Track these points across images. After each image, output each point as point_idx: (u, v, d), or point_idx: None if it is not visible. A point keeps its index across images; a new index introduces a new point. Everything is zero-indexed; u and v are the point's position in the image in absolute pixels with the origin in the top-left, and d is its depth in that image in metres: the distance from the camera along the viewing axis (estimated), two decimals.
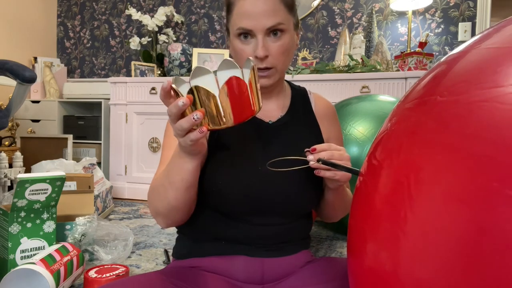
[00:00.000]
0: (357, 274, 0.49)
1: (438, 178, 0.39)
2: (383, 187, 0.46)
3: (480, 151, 0.36)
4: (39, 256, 1.01)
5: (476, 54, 0.46)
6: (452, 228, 0.36)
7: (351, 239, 0.52)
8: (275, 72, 0.80)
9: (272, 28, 0.76)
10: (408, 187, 0.41)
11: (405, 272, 0.40)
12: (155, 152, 2.48)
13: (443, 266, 0.36)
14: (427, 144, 0.42)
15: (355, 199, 0.54)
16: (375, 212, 0.46)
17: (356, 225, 0.51)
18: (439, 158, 0.40)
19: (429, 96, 0.46)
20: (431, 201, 0.39)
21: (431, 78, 0.49)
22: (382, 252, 0.43)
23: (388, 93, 2.03)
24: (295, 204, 0.81)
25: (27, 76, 1.66)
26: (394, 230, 0.41)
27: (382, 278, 0.43)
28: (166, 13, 2.78)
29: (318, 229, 1.81)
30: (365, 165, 0.54)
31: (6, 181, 2.01)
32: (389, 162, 0.46)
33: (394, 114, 0.52)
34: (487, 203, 0.34)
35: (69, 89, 2.95)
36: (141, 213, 2.13)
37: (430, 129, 0.42)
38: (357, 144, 1.43)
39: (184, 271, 0.79)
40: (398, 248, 0.41)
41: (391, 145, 0.48)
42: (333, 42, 2.63)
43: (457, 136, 0.39)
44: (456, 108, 0.41)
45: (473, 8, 2.33)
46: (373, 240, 0.45)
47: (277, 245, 0.81)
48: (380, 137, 0.52)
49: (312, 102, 0.92)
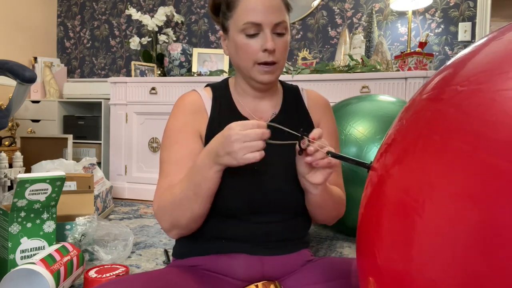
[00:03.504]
0: (368, 273, 0.48)
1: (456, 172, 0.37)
2: (397, 183, 0.44)
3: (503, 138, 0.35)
4: (39, 256, 1.01)
5: (497, 46, 0.44)
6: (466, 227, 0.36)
7: (361, 237, 0.51)
8: (278, 67, 0.82)
9: (278, 24, 0.79)
10: (429, 179, 0.40)
11: (417, 271, 0.39)
12: (155, 152, 2.48)
13: (455, 265, 0.36)
14: (447, 133, 0.40)
15: (366, 195, 0.52)
16: (387, 210, 0.45)
17: (367, 223, 0.50)
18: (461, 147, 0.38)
19: (448, 86, 0.45)
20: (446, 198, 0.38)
21: (448, 71, 0.48)
22: (394, 251, 0.42)
23: (388, 93, 2.03)
24: (292, 200, 0.82)
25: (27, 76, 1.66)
26: (407, 228, 0.41)
27: (394, 278, 0.42)
28: (166, 13, 2.78)
29: (318, 229, 1.81)
30: (378, 158, 0.52)
31: (6, 181, 2.01)
32: (405, 154, 0.44)
33: (410, 106, 0.50)
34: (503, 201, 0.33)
35: (69, 89, 2.95)
36: (141, 213, 2.13)
37: (450, 118, 0.41)
38: (357, 144, 1.43)
39: (185, 270, 0.79)
40: (411, 247, 0.40)
41: (409, 136, 0.46)
42: (333, 42, 2.63)
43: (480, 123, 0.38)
44: (478, 97, 0.40)
45: (473, 8, 2.33)
46: (385, 239, 0.44)
47: (276, 243, 0.82)
48: (395, 129, 0.50)
49: (304, 98, 0.94)
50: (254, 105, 0.88)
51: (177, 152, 0.82)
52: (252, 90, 0.87)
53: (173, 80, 2.46)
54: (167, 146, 0.84)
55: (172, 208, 0.76)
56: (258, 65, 0.80)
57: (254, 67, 0.80)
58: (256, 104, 0.88)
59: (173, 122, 0.86)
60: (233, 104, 0.88)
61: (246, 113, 0.87)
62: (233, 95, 0.89)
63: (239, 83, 0.88)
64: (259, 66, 0.80)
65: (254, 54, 0.79)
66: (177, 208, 0.76)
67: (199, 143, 0.84)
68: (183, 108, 0.87)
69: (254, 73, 0.81)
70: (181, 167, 0.80)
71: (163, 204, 0.78)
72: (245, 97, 0.88)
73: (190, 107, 0.86)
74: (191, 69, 2.67)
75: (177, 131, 0.84)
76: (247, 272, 0.80)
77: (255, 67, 0.80)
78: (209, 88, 0.91)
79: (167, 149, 0.84)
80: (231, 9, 0.81)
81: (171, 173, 0.81)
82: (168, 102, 2.42)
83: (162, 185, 0.81)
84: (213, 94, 0.89)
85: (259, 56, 0.79)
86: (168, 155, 0.83)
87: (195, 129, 0.84)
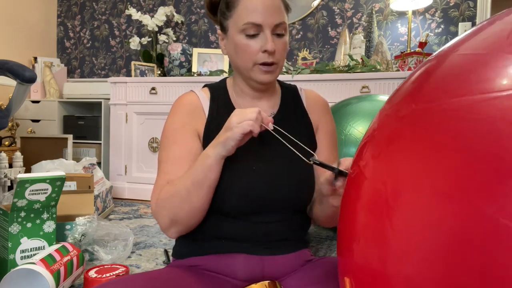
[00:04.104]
0: (346, 272, 0.49)
1: (414, 185, 0.40)
2: (368, 189, 0.46)
3: (448, 162, 0.37)
4: (39, 256, 1.01)
5: (451, 60, 0.46)
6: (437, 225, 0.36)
7: (340, 237, 0.53)
8: (277, 68, 0.82)
9: (278, 25, 0.79)
10: (387, 193, 0.42)
11: (394, 269, 0.40)
12: (155, 152, 2.48)
13: (430, 263, 0.36)
14: (403, 152, 0.43)
15: (344, 199, 0.55)
16: (363, 211, 0.46)
17: (344, 223, 0.51)
18: (415, 165, 0.40)
19: (405, 103, 0.47)
20: (415, 199, 0.39)
21: (409, 84, 0.50)
22: (370, 250, 0.43)
23: (388, 93, 2.03)
24: (292, 199, 0.82)
25: (27, 76, 1.66)
26: (382, 227, 0.42)
27: (371, 276, 0.43)
28: (166, 13, 2.78)
29: (318, 229, 1.81)
30: (352, 166, 0.55)
31: (6, 181, 2.01)
32: (371, 167, 0.47)
33: (376, 120, 0.53)
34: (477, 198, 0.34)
35: (69, 89, 2.95)
36: (141, 213, 2.13)
37: (405, 137, 0.43)
38: (357, 144, 1.43)
39: (186, 270, 0.79)
40: (387, 246, 0.41)
41: (372, 151, 0.49)
42: (333, 42, 2.63)
43: (428, 144, 0.40)
44: (429, 116, 0.42)
45: (473, 8, 2.33)
46: (361, 238, 0.45)
47: (276, 243, 0.82)
48: (364, 141, 0.53)
49: (302, 97, 0.94)
50: (253, 105, 0.88)
51: (175, 151, 0.82)
52: (250, 90, 0.87)
53: (173, 80, 2.46)
54: (165, 146, 0.84)
55: (170, 202, 0.76)
56: (258, 65, 0.80)
57: (254, 68, 0.80)
58: (254, 104, 0.88)
59: (172, 122, 0.86)
60: (231, 104, 0.88)
61: None
62: (231, 95, 0.89)
63: (237, 83, 0.88)
64: (258, 66, 0.80)
65: (254, 54, 0.79)
66: (175, 201, 0.75)
67: (198, 143, 0.84)
68: (181, 109, 0.87)
69: (254, 73, 0.81)
70: (180, 166, 0.80)
71: (162, 200, 0.77)
72: (243, 97, 0.88)
73: (188, 107, 0.86)
74: (191, 69, 2.67)
75: (175, 131, 0.84)
76: (247, 272, 0.80)
77: (255, 67, 0.80)
78: (207, 89, 0.91)
79: (166, 149, 0.84)
80: (230, 8, 0.80)
81: (169, 172, 0.81)
82: (168, 102, 2.42)
83: (161, 183, 0.81)
84: (211, 94, 0.89)
85: (258, 57, 0.79)
86: (166, 154, 0.83)
87: (194, 129, 0.84)
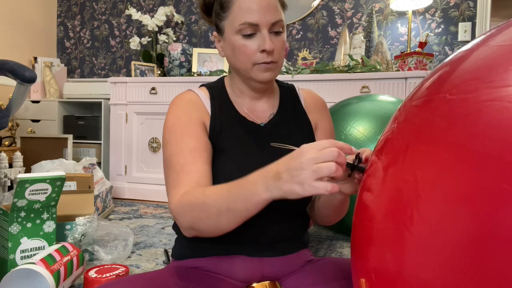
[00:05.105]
0: (362, 275, 0.48)
1: (444, 178, 0.38)
2: (389, 186, 0.45)
3: (488, 151, 0.36)
4: (39, 256, 1.01)
5: (486, 52, 0.44)
6: (458, 229, 0.36)
7: (355, 239, 0.52)
8: (277, 66, 0.81)
9: (275, 23, 0.77)
10: (415, 187, 0.40)
11: (411, 272, 0.39)
12: (155, 152, 2.48)
13: (448, 266, 0.36)
14: (433, 142, 0.41)
15: (360, 197, 0.53)
16: (380, 212, 0.45)
17: (361, 224, 0.50)
18: (446, 157, 0.39)
19: (437, 94, 0.45)
20: (437, 201, 0.38)
21: (439, 75, 0.48)
22: (387, 253, 0.42)
23: (388, 93, 2.03)
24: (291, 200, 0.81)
25: (27, 76, 1.66)
26: (400, 230, 0.41)
27: (387, 279, 0.42)
28: (166, 13, 2.78)
29: (318, 229, 1.81)
30: (371, 163, 0.53)
31: (6, 181, 2.01)
32: (396, 160, 0.45)
33: (400, 112, 0.51)
34: (493, 204, 0.34)
35: (69, 89, 2.95)
36: (141, 213, 2.13)
37: (438, 127, 0.41)
38: (357, 144, 1.43)
39: (185, 271, 0.79)
40: (404, 249, 0.40)
41: (398, 144, 0.47)
42: (333, 42, 2.63)
43: (465, 134, 0.38)
44: (465, 107, 0.40)
45: (473, 8, 2.33)
46: (378, 240, 0.45)
47: (275, 244, 0.82)
48: (386, 135, 0.51)
49: (301, 97, 0.93)
50: (252, 105, 0.87)
51: (189, 143, 0.77)
52: (249, 90, 0.86)
53: (173, 80, 2.46)
54: (174, 140, 0.79)
55: (197, 212, 0.68)
56: (257, 64, 0.79)
57: (254, 68, 0.79)
58: (253, 105, 0.87)
59: (176, 117, 0.81)
60: (230, 104, 0.87)
61: (243, 113, 0.86)
62: (230, 94, 0.88)
63: (236, 83, 0.87)
64: (258, 66, 0.79)
65: (252, 55, 0.77)
66: (203, 214, 0.68)
67: (207, 136, 0.81)
68: (184, 104, 0.83)
69: (254, 73, 0.80)
70: (197, 155, 0.75)
71: (187, 203, 0.70)
72: (242, 97, 0.87)
73: (191, 103, 0.83)
74: (191, 69, 2.67)
75: (183, 125, 0.79)
76: (247, 273, 0.80)
77: (254, 67, 0.79)
78: (205, 88, 0.89)
79: (176, 143, 0.78)
80: (225, 9, 0.79)
81: (187, 162, 0.74)
82: (168, 102, 2.42)
83: (181, 177, 0.74)
84: (210, 93, 0.87)
85: (257, 57, 0.77)
86: (179, 147, 0.77)
87: (202, 123, 0.81)
